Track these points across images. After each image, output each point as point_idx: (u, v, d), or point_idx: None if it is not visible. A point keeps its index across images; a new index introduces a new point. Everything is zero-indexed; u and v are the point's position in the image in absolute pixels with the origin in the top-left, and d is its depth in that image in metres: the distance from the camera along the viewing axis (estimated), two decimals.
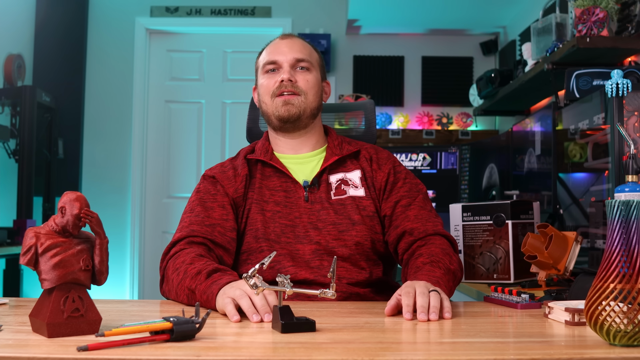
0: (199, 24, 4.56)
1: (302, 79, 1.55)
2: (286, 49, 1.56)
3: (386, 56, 4.58)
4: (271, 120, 1.57)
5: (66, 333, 0.92)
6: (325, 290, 1.05)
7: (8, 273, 3.69)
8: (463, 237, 1.87)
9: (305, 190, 1.51)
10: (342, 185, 1.53)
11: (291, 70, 1.54)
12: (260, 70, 1.60)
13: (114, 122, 4.52)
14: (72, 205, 0.94)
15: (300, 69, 1.55)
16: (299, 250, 1.46)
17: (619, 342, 0.88)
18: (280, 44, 1.58)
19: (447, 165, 3.37)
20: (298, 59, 1.55)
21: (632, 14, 2.28)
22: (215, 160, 4.32)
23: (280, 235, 1.47)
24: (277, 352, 0.86)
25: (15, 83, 4.03)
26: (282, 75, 1.53)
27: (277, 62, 1.55)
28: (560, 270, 1.66)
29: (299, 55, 1.55)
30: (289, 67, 1.54)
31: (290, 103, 1.52)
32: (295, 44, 1.58)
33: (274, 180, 1.53)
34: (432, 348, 0.91)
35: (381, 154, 1.60)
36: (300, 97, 1.53)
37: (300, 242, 1.47)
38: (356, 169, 1.56)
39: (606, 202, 0.91)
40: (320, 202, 1.50)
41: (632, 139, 1.48)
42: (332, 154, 1.56)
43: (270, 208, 1.50)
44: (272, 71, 1.56)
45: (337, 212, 1.49)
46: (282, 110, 1.52)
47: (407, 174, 1.58)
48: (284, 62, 1.55)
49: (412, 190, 1.54)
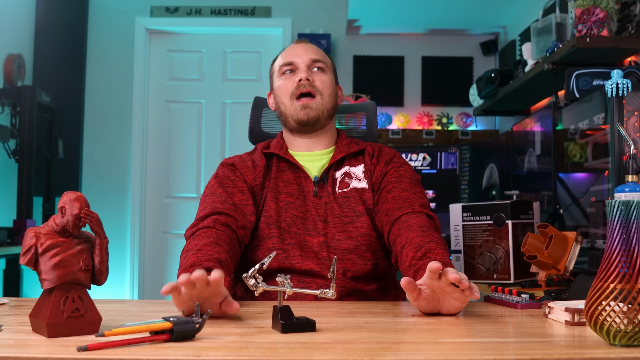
0: (199, 24, 4.56)
1: (318, 79, 1.60)
2: (302, 50, 1.63)
3: (386, 56, 4.58)
4: (288, 122, 1.62)
5: (66, 333, 0.92)
6: (326, 290, 1.05)
7: (8, 273, 3.69)
8: (463, 237, 1.87)
9: (315, 185, 1.57)
10: (345, 178, 1.59)
11: (308, 71, 1.59)
12: (276, 74, 1.65)
13: (114, 122, 4.53)
14: (72, 205, 0.94)
15: (316, 69, 1.61)
16: (307, 242, 1.50)
17: (619, 342, 0.88)
18: (295, 47, 1.65)
19: (447, 165, 3.37)
20: (314, 59, 1.61)
21: (632, 14, 2.28)
22: (216, 160, 4.32)
23: (291, 225, 1.52)
24: (277, 352, 0.86)
25: (15, 83, 4.03)
26: (300, 74, 1.58)
27: (293, 63, 1.61)
28: (560, 270, 1.66)
29: (314, 56, 1.62)
30: (305, 67, 1.60)
31: (309, 107, 1.57)
32: (310, 47, 1.65)
33: (288, 174, 1.59)
34: (432, 348, 0.91)
35: (384, 150, 1.65)
36: (317, 99, 1.58)
37: (309, 234, 1.51)
38: (360, 164, 1.61)
39: (606, 202, 0.91)
40: (327, 197, 1.56)
41: (632, 139, 1.48)
42: (340, 151, 1.61)
43: (283, 198, 1.55)
44: (289, 72, 1.61)
45: (341, 205, 1.54)
46: (301, 114, 1.58)
47: (404, 164, 1.62)
48: (301, 62, 1.60)
49: (402, 177, 1.57)
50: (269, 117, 1.86)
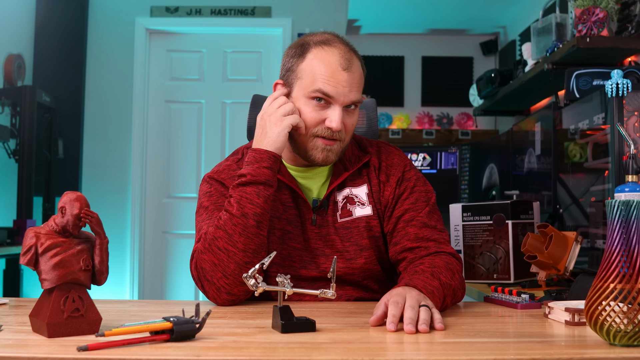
0: (199, 24, 4.56)
1: (349, 123, 1.38)
2: (347, 86, 1.35)
3: (386, 56, 4.58)
4: (301, 154, 1.40)
5: (66, 333, 0.92)
6: (326, 290, 1.05)
7: (8, 273, 3.69)
8: (463, 237, 1.87)
9: (314, 212, 1.42)
10: (347, 205, 1.42)
11: (343, 114, 1.35)
12: (304, 89, 1.36)
13: (114, 122, 4.53)
14: (72, 205, 0.94)
15: (350, 108, 1.38)
16: (302, 276, 1.39)
17: (619, 342, 0.88)
18: (341, 76, 1.34)
19: (447, 165, 3.37)
20: (354, 101, 1.37)
21: (632, 14, 2.28)
22: (216, 160, 4.32)
23: (286, 259, 1.39)
24: (277, 352, 0.86)
25: (15, 83, 4.03)
26: (334, 124, 1.34)
27: (331, 98, 1.34)
28: (560, 270, 1.66)
29: (356, 96, 1.37)
30: (341, 110, 1.35)
31: (331, 150, 1.37)
32: (355, 79, 1.37)
33: (286, 193, 1.42)
34: (432, 348, 0.91)
35: (391, 160, 1.47)
36: (340, 142, 1.38)
37: (306, 267, 1.39)
38: (363, 183, 1.44)
39: (606, 202, 0.91)
40: (327, 227, 1.41)
41: (632, 139, 1.48)
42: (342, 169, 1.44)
43: (281, 226, 1.40)
44: (321, 101, 1.35)
45: (342, 238, 1.40)
46: (319, 157, 1.37)
47: (417, 180, 1.45)
48: (339, 103, 1.35)
49: (419, 201, 1.42)
50: None
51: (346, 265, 1.39)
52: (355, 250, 1.39)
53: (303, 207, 1.42)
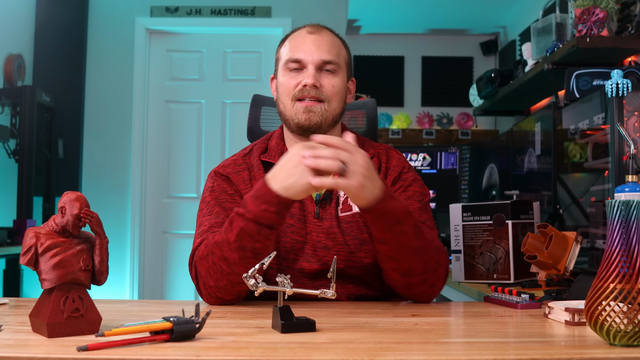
0: (199, 24, 4.56)
1: (327, 84, 1.40)
2: (313, 46, 1.39)
3: (386, 56, 4.58)
4: (288, 124, 1.44)
5: (66, 333, 0.92)
6: (326, 290, 1.05)
7: (8, 273, 3.69)
8: (463, 237, 1.87)
9: (317, 205, 1.42)
10: (348, 200, 1.43)
11: (316, 73, 1.39)
12: (281, 65, 1.44)
13: (114, 122, 4.53)
14: (72, 205, 0.94)
15: (327, 71, 1.40)
16: (304, 269, 1.39)
17: (619, 342, 0.88)
18: (307, 39, 1.41)
19: (447, 165, 3.38)
20: (325, 60, 1.40)
21: (632, 14, 2.28)
22: (215, 161, 4.32)
23: (289, 252, 1.39)
24: (277, 352, 0.86)
25: (15, 83, 4.03)
26: (306, 79, 1.38)
27: (301, 61, 1.40)
28: (560, 270, 1.66)
29: (326, 56, 1.40)
30: (314, 69, 1.39)
31: (312, 111, 1.39)
32: (324, 42, 1.41)
33: None
34: (432, 348, 0.91)
35: (391, 161, 1.50)
36: (323, 104, 1.40)
37: (308, 260, 1.39)
38: None
39: (606, 202, 0.91)
40: (330, 219, 1.41)
41: (632, 139, 1.48)
42: None
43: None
44: (295, 70, 1.41)
45: (344, 232, 1.40)
46: (302, 118, 1.39)
47: (413, 181, 1.47)
48: (309, 62, 1.39)
49: (412, 198, 1.43)
50: (268, 115, 1.83)
51: (347, 259, 1.39)
52: (356, 244, 1.40)
53: (306, 200, 1.42)
